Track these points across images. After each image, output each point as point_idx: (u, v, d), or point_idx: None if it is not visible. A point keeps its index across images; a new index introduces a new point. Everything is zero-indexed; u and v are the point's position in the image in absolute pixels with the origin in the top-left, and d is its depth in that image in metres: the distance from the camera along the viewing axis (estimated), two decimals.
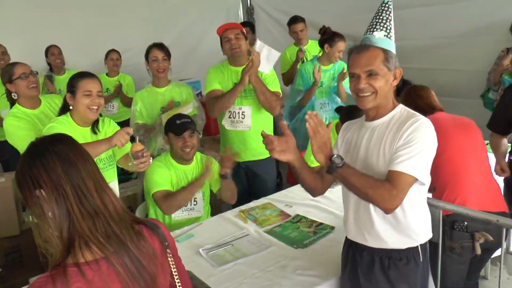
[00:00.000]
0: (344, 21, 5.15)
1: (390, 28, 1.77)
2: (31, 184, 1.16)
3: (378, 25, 1.77)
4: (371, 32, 1.77)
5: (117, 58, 5.39)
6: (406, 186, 1.65)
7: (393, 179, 1.64)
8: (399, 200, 1.64)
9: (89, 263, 1.14)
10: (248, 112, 3.37)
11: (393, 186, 1.63)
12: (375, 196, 1.64)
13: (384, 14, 1.78)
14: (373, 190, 1.63)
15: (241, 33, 3.33)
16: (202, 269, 2.25)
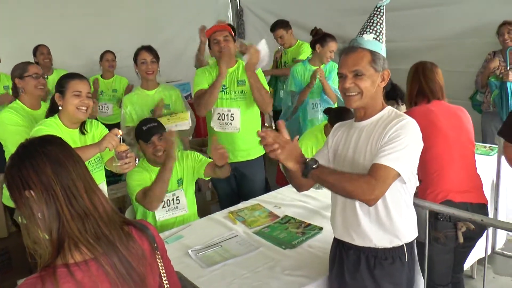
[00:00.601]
0: (334, 23, 5.20)
1: (380, 31, 1.80)
2: (20, 185, 1.16)
3: (368, 28, 1.81)
4: (361, 34, 1.81)
5: (113, 59, 5.38)
6: (387, 178, 1.65)
7: (373, 171, 1.66)
8: (379, 190, 1.64)
9: (78, 264, 1.15)
10: (237, 114, 3.39)
11: (372, 176, 1.64)
12: (354, 190, 1.64)
13: (375, 18, 1.81)
14: (351, 183, 1.64)
15: (230, 34, 3.35)
16: (191, 270, 2.26)
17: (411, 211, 1.87)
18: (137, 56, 3.48)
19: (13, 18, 5.24)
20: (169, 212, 2.98)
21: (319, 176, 1.68)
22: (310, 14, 5.92)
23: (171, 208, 2.98)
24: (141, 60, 3.45)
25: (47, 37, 5.36)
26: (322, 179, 1.69)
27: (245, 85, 3.36)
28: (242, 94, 3.39)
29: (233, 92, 3.39)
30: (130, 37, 5.58)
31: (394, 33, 4.98)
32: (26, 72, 2.95)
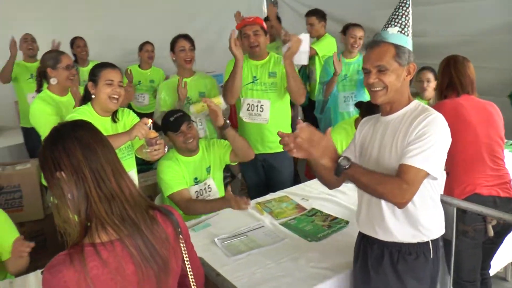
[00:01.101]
0: (369, 17, 5.12)
1: (405, 24, 1.77)
2: (52, 167, 1.21)
3: (393, 21, 1.78)
4: (386, 28, 1.79)
5: (152, 50, 5.45)
6: (417, 180, 1.65)
7: (403, 173, 1.64)
8: (410, 194, 1.64)
9: (104, 244, 1.20)
10: (266, 106, 3.40)
11: (403, 180, 1.62)
12: (385, 192, 1.64)
13: (400, 10, 1.78)
14: (383, 186, 1.63)
15: (261, 28, 3.35)
16: (217, 258, 2.30)
17: (438, 206, 1.84)
18: (175, 44, 3.51)
19: (49, 11, 5.38)
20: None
21: (352, 176, 1.67)
22: (346, 8, 5.86)
23: (204, 197, 3.03)
24: (179, 47, 3.48)
25: (83, 28, 5.50)
26: (355, 178, 1.68)
27: (276, 77, 3.37)
28: (272, 86, 3.39)
29: (263, 83, 3.40)
30: (162, 28, 5.64)
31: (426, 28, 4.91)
32: (59, 63, 3.05)
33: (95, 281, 1.15)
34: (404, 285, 1.82)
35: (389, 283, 1.85)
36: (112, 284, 1.18)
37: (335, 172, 1.66)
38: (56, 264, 1.16)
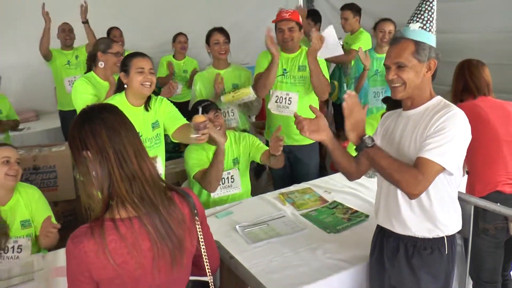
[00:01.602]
0: (404, 11, 5.05)
1: (427, 19, 1.77)
2: (79, 145, 1.30)
3: (415, 16, 1.79)
4: (408, 24, 1.80)
5: (185, 41, 5.53)
6: (432, 173, 1.67)
7: (420, 166, 1.67)
8: (423, 186, 1.67)
9: (123, 220, 1.28)
10: (294, 99, 3.44)
11: (419, 172, 1.65)
12: (400, 180, 1.67)
13: (423, 5, 1.78)
14: (400, 174, 1.67)
15: (296, 24, 3.38)
16: (237, 244, 2.37)
17: (455, 203, 1.85)
18: (210, 37, 3.59)
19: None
20: (223, 190, 3.10)
21: (372, 157, 1.73)
22: (383, 3, 5.78)
23: (226, 186, 3.10)
24: (214, 40, 3.56)
25: (119, 18, 5.64)
26: (375, 160, 1.73)
27: (306, 71, 3.40)
28: (302, 79, 3.43)
29: (293, 76, 3.44)
30: (199, 19, 5.74)
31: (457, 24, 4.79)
32: (110, 49, 3.20)
33: (113, 254, 1.24)
34: (417, 279, 1.85)
35: (403, 277, 1.87)
36: (128, 258, 1.26)
37: (357, 147, 1.75)
38: (78, 235, 1.25)
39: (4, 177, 2.50)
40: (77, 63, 5.04)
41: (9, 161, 2.53)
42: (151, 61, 2.68)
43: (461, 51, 4.44)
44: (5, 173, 2.50)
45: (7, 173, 2.50)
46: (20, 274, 2.17)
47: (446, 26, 3.93)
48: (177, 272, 1.36)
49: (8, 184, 2.53)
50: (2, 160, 2.51)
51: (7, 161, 2.52)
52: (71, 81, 4.96)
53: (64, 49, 5.03)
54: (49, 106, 5.59)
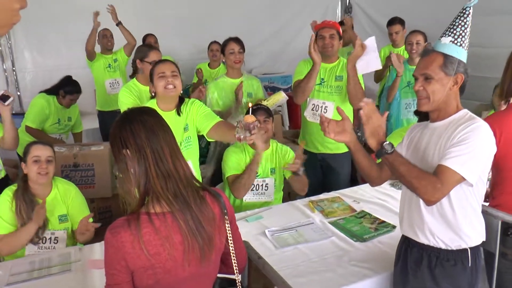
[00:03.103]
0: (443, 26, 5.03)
1: (459, 34, 1.79)
2: (120, 144, 1.40)
3: (448, 30, 1.82)
4: (440, 37, 1.83)
5: (217, 49, 5.61)
6: (451, 182, 1.69)
7: (439, 173, 1.69)
8: (441, 194, 1.69)
9: (157, 214, 1.37)
10: (330, 108, 3.48)
11: (438, 179, 1.68)
12: (419, 187, 1.70)
13: (457, 20, 1.81)
14: (418, 181, 1.70)
15: (337, 33, 3.45)
16: (265, 248, 2.43)
17: (478, 215, 1.86)
18: (225, 47, 3.67)
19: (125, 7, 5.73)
20: (256, 196, 3.16)
21: (392, 163, 1.76)
22: (419, 14, 5.76)
23: (259, 193, 3.16)
24: (229, 50, 3.64)
25: (157, 25, 5.84)
26: (394, 166, 1.76)
27: (342, 81, 3.45)
28: (338, 89, 3.48)
29: (330, 86, 3.50)
30: (237, 28, 5.81)
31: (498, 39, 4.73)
32: (146, 58, 3.32)
33: (147, 245, 1.33)
34: None
35: (426, 287, 1.89)
36: (161, 250, 1.35)
37: (377, 153, 1.77)
38: (116, 226, 1.35)
39: (36, 176, 2.66)
40: (116, 65, 5.31)
41: (39, 160, 2.67)
42: (175, 64, 2.74)
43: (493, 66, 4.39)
44: (36, 171, 2.66)
45: (38, 171, 2.66)
46: (59, 264, 2.30)
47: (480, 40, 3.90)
48: (206, 266, 1.44)
49: (40, 182, 2.68)
50: (33, 159, 2.67)
51: (37, 160, 2.67)
52: (111, 83, 5.22)
53: (105, 53, 5.28)
54: (89, 107, 5.82)
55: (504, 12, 4.72)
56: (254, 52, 6.26)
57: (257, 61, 6.81)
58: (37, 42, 5.87)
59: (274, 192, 3.20)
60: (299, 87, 3.46)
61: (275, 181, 3.20)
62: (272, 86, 6.52)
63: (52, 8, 5.66)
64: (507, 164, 2.17)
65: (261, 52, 6.82)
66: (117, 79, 5.27)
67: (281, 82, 6.60)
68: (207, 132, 2.76)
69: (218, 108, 3.60)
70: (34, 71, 5.94)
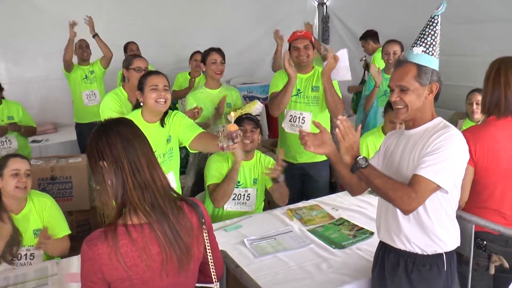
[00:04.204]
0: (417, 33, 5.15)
1: (430, 43, 1.83)
2: (96, 156, 1.41)
3: (419, 40, 1.86)
4: (412, 47, 1.87)
5: (200, 60, 5.68)
6: (426, 191, 1.73)
7: (414, 183, 1.73)
8: (416, 203, 1.73)
9: (135, 226, 1.37)
10: (308, 118, 3.51)
11: (413, 189, 1.72)
12: (394, 198, 1.74)
13: (427, 29, 1.85)
14: (393, 192, 1.74)
15: (310, 42, 3.49)
16: (244, 257, 2.45)
17: (453, 220, 1.90)
18: (207, 57, 3.67)
19: (107, 16, 5.70)
20: (237, 205, 3.17)
21: (367, 176, 1.79)
22: (395, 23, 5.88)
23: (240, 203, 3.17)
24: (211, 60, 3.64)
25: (138, 34, 5.82)
26: (370, 179, 1.79)
27: (319, 91, 3.49)
28: (315, 99, 3.51)
29: (306, 97, 3.52)
30: (217, 38, 5.86)
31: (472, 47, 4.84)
32: (131, 65, 3.33)
33: (124, 257, 1.33)
34: None
35: None
36: (139, 261, 1.35)
37: (352, 168, 1.81)
38: (93, 238, 1.35)
39: (14, 190, 2.59)
40: (93, 77, 5.25)
41: (18, 174, 2.60)
42: (167, 78, 2.74)
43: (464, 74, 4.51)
44: (14, 185, 2.58)
45: (16, 185, 2.59)
46: (35, 279, 2.27)
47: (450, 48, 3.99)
48: (184, 276, 1.44)
49: (18, 196, 2.62)
50: (11, 173, 2.59)
51: (16, 173, 2.60)
52: (88, 94, 5.18)
53: (81, 64, 5.24)
54: (67, 119, 5.77)
55: (472, 21, 4.85)
56: (232, 62, 6.26)
57: (235, 71, 6.84)
58: (12, 54, 5.79)
59: (256, 202, 3.21)
60: (275, 100, 3.48)
61: (257, 191, 3.21)
62: (250, 96, 6.54)
63: (28, 18, 5.62)
64: (481, 180, 2.20)
65: (240, 62, 6.86)
66: (94, 91, 5.22)
67: (259, 91, 6.63)
68: (189, 143, 2.75)
69: (197, 120, 3.57)
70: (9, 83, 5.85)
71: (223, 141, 2.25)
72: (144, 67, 3.34)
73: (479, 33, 4.82)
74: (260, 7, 7.02)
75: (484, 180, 2.19)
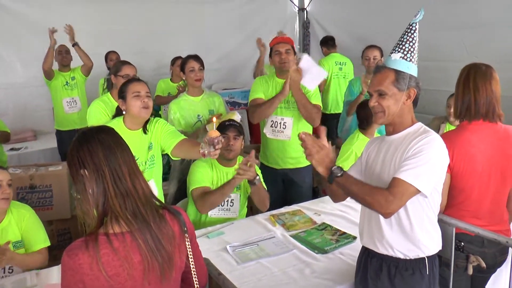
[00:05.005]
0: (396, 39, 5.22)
1: (408, 50, 1.86)
2: (77, 164, 1.39)
3: (397, 46, 1.89)
4: (390, 53, 1.90)
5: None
6: (405, 194, 1.74)
7: (393, 186, 1.75)
8: (395, 206, 1.73)
9: (116, 235, 1.36)
10: (289, 123, 3.52)
11: (390, 192, 1.73)
12: (372, 202, 1.75)
13: (405, 36, 1.89)
14: (371, 196, 1.75)
15: (292, 48, 3.51)
16: (226, 264, 2.44)
17: (434, 224, 1.92)
18: (185, 65, 3.65)
19: (88, 24, 5.67)
20: (221, 212, 3.14)
21: (343, 185, 1.80)
22: (375, 28, 5.95)
23: (224, 209, 3.14)
24: (189, 68, 3.62)
25: (116, 41, 5.82)
26: (346, 187, 1.80)
27: None
28: (295, 104, 3.52)
29: (287, 101, 3.52)
30: (196, 43, 5.88)
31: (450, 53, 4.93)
32: (120, 72, 3.31)
33: (105, 266, 1.32)
34: None
35: None
36: (120, 271, 1.34)
37: (328, 179, 1.81)
38: (73, 248, 1.33)
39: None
40: (74, 84, 5.19)
41: (1, 185, 2.55)
42: (147, 85, 2.73)
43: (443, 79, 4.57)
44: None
45: (2, 197, 2.53)
46: None
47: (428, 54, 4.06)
48: (166, 285, 1.43)
49: (1, 208, 2.56)
50: None
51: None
52: (69, 102, 5.12)
53: (62, 70, 5.17)
54: (47, 126, 5.72)
55: (449, 27, 4.95)
56: (213, 67, 6.31)
57: (216, 76, 6.86)
58: None
59: (239, 208, 3.20)
60: (258, 109, 3.47)
61: (240, 197, 3.20)
62: (232, 101, 6.56)
63: (6, 25, 5.55)
64: (458, 184, 2.24)
65: (221, 68, 6.89)
66: (74, 98, 5.17)
67: (241, 97, 6.64)
68: (171, 150, 2.74)
69: (181, 128, 3.55)
70: None
71: (204, 147, 2.27)
72: (132, 74, 3.32)
73: (457, 39, 4.92)
74: (241, 12, 7.06)
75: (461, 183, 2.24)
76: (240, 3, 7.05)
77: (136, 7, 6.20)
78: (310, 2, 7.52)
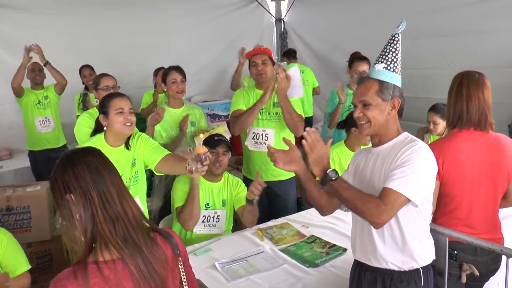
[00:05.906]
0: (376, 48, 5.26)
1: (391, 60, 1.86)
2: (62, 189, 1.31)
3: (381, 57, 1.89)
4: (374, 64, 1.90)
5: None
6: (395, 203, 1.72)
7: (383, 196, 1.72)
8: (386, 216, 1.71)
9: (106, 262, 1.29)
10: (271, 135, 3.49)
11: (381, 201, 1.71)
12: (363, 209, 1.72)
13: (388, 47, 1.88)
14: (362, 204, 1.72)
15: (269, 58, 3.49)
16: (216, 281, 2.38)
17: (427, 234, 1.90)
18: (167, 76, 3.60)
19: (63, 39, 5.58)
20: (206, 228, 3.09)
21: (336, 189, 1.78)
22: (353, 38, 6.00)
23: (210, 225, 3.09)
24: (171, 79, 3.57)
25: (98, 54, 5.73)
26: (339, 192, 1.78)
27: (280, 107, 3.47)
28: (277, 115, 3.50)
29: (268, 113, 3.50)
30: (174, 56, 5.80)
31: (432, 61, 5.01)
32: (99, 85, 3.28)
33: None
34: None
35: None
36: None
37: (321, 181, 1.79)
38: (61, 279, 1.25)
39: None
40: (47, 103, 5.02)
41: None
42: (130, 100, 2.66)
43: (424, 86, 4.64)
44: None
45: None
46: None
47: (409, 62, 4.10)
48: None
49: None
50: None
51: None
52: (42, 121, 4.95)
53: (35, 88, 5.00)
54: (23, 145, 5.52)
55: (428, 35, 5.01)
56: (193, 79, 6.27)
57: (196, 88, 6.82)
58: None
59: (225, 224, 3.15)
60: (238, 120, 3.44)
61: (227, 212, 3.14)
62: (212, 114, 6.52)
63: None
64: (448, 192, 2.23)
65: (200, 80, 6.85)
66: (47, 117, 4.99)
67: (221, 109, 6.61)
68: (155, 165, 2.69)
69: (162, 141, 3.50)
70: None
71: (191, 163, 2.22)
72: (112, 85, 3.28)
73: (436, 47, 4.98)
74: (218, 23, 7.05)
75: (452, 190, 2.23)
76: (216, 14, 7.02)
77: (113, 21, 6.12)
78: (287, 12, 7.55)
